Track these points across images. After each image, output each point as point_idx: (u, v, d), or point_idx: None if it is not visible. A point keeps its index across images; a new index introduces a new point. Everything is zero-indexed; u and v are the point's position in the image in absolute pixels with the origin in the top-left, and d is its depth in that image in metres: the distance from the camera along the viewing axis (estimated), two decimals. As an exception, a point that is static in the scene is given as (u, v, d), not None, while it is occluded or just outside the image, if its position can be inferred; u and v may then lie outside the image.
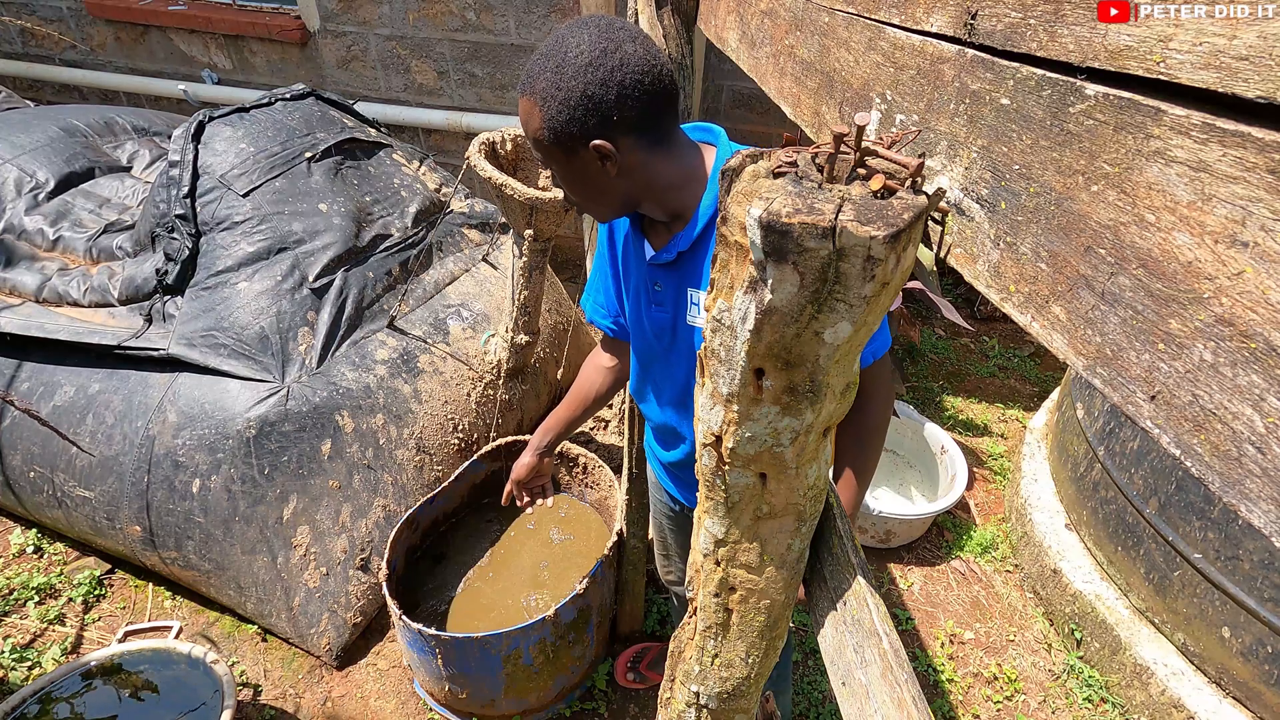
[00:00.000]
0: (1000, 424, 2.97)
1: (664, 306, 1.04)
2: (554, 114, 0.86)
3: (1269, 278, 0.27)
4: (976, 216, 0.46)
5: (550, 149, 0.90)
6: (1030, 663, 2.10)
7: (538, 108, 0.87)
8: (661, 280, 1.03)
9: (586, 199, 0.96)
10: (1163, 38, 0.31)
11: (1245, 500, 0.29)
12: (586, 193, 0.95)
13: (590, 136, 0.87)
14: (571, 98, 0.85)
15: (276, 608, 1.96)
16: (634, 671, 2.01)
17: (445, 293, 2.47)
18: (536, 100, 0.87)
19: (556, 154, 0.90)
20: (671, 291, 1.02)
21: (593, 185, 0.93)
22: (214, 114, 2.28)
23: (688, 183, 0.96)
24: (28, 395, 2.08)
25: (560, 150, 0.89)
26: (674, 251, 0.98)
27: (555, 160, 0.91)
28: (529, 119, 0.89)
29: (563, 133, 0.87)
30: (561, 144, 0.88)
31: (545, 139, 0.88)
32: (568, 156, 0.90)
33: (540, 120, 0.87)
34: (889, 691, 0.54)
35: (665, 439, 1.26)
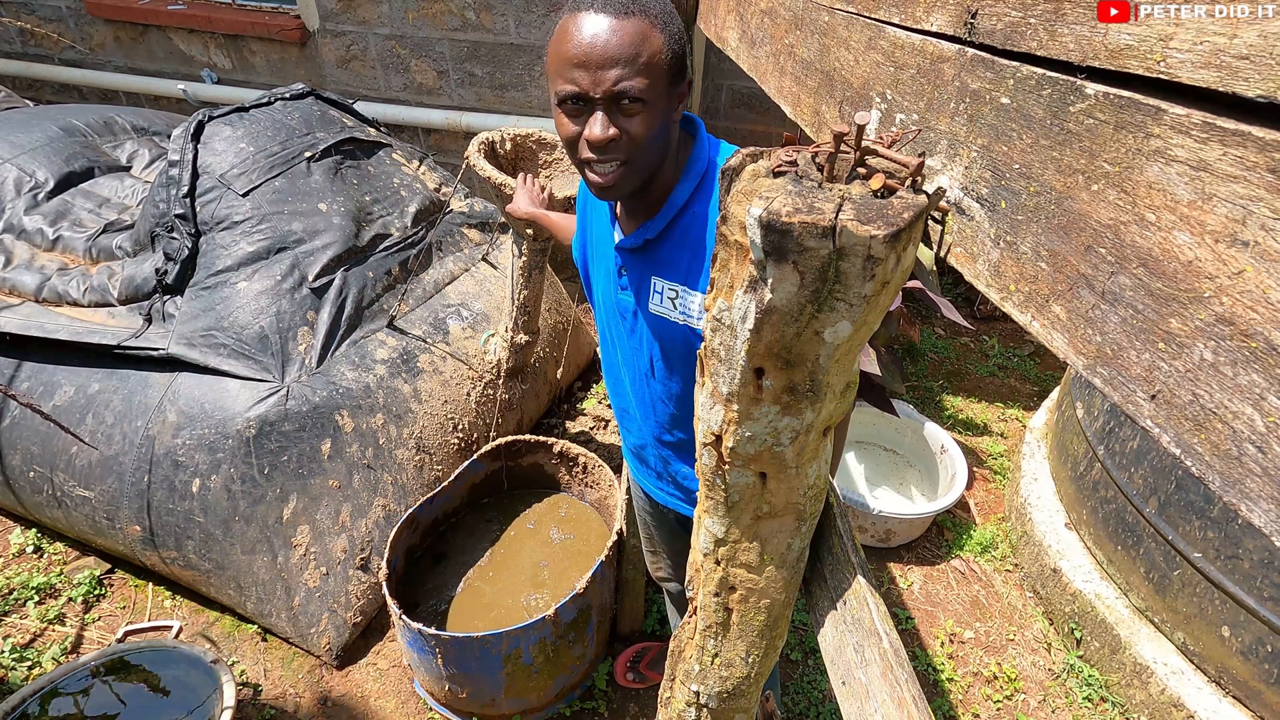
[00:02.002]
0: (1000, 423, 2.97)
1: (628, 290, 1.04)
2: (676, 37, 0.83)
3: (1269, 277, 0.27)
4: (976, 216, 0.46)
5: (664, 73, 0.83)
6: (1030, 662, 2.10)
7: (657, 28, 0.81)
8: (627, 265, 1.03)
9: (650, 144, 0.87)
10: (1163, 37, 0.31)
11: (1245, 499, 0.29)
12: (657, 136, 0.87)
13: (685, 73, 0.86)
14: (678, 31, 0.83)
15: (276, 607, 1.96)
16: (634, 671, 2.01)
17: (445, 292, 2.47)
18: (656, 21, 0.81)
19: (664, 81, 0.83)
20: (635, 277, 1.02)
21: (666, 128, 0.88)
22: (213, 113, 2.28)
23: (672, 162, 0.96)
24: (27, 395, 2.08)
25: (668, 77, 0.84)
26: (641, 239, 0.98)
27: (659, 86, 0.83)
28: (646, 40, 0.80)
29: (679, 58, 0.84)
30: (673, 69, 0.84)
31: (664, 61, 0.82)
32: (670, 87, 0.85)
33: (663, 42, 0.82)
34: (889, 690, 0.54)
35: (626, 424, 1.26)
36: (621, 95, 0.81)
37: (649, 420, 1.16)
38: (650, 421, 1.15)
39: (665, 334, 1.01)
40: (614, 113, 0.82)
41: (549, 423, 2.85)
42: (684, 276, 0.95)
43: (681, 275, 0.96)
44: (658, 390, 1.10)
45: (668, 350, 1.02)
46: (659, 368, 1.06)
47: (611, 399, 1.27)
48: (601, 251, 1.11)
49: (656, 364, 1.06)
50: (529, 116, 3.51)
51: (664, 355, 1.04)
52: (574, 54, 0.80)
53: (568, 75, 0.82)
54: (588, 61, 0.80)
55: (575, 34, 0.80)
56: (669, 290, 0.97)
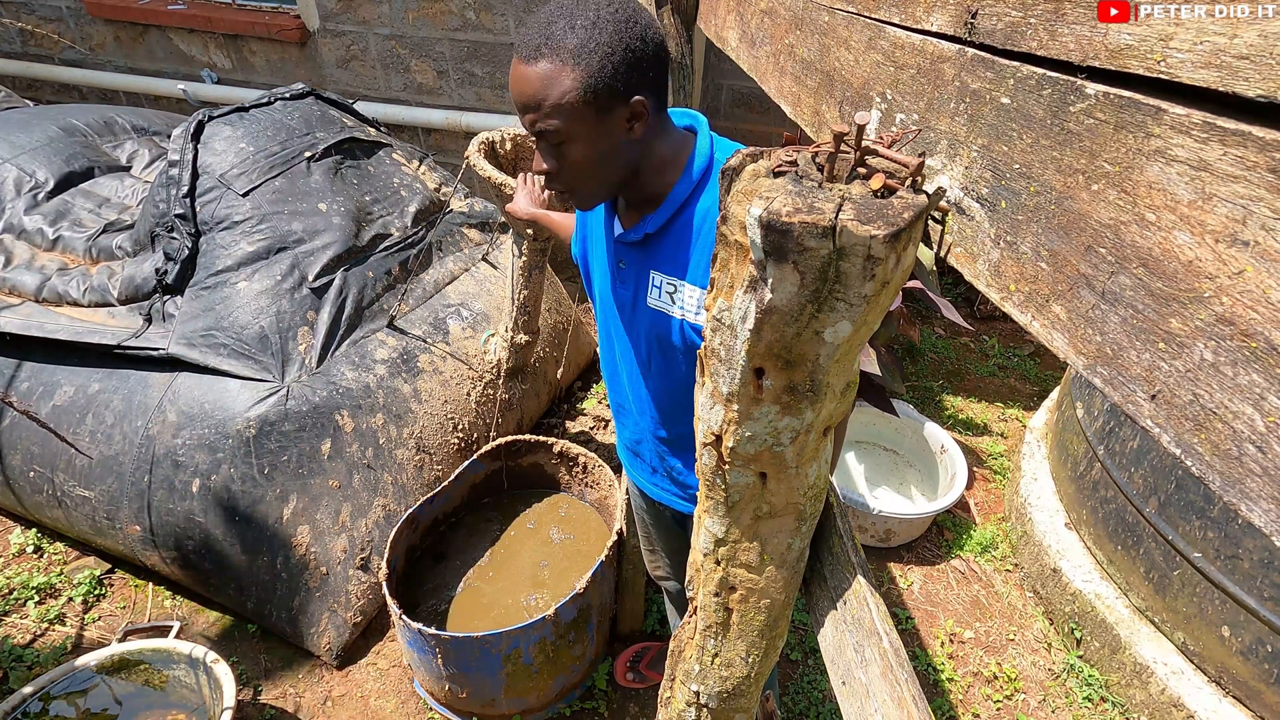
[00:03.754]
0: (1000, 423, 2.97)
1: (626, 285, 1.05)
2: (595, 69, 0.83)
3: (1269, 276, 0.27)
4: (977, 215, 0.46)
5: (579, 110, 0.84)
6: (1030, 662, 2.10)
7: (569, 67, 0.82)
8: (626, 259, 1.03)
9: (593, 172, 0.90)
10: (1163, 37, 0.31)
11: (1245, 499, 0.29)
12: (597, 163, 0.89)
13: (631, 92, 0.86)
14: (615, 52, 0.83)
15: (276, 607, 1.96)
16: (634, 671, 2.01)
17: (445, 292, 2.47)
18: (567, 60, 0.82)
19: (585, 115, 0.84)
20: (634, 271, 1.02)
21: (608, 152, 0.89)
22: (213, 113, 2.28)
23: (671, 163, 0.96)
24: (28, 395, 2.08)
25: (592, 110, 0.85)
26: (641, 233, 0.98)
27: (580, 123, 0.85)
28: (552, 82, 0.82)
29: (603, 89, 0.84)
30: (597, 102, 0.84)
31: (577, 99, 0.83)
32: (598, 117, 0.85)
33: (574, 80, 0.82)
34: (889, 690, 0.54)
35: (622, 419, 1.26)
36: (541, 134, 0.87)
37: (645, 415, 1.16)
38: (646, 417, 1.16)
39: (663, 328, 1.01)
40: (548, 147, 0.89)
41: (549, 423, 2.85)
42: (683, 271, 0.96)
43: (681, 270, 0.96)
44: (654, 385, 1.10)
45: (665, 344, 1.03)
46: (656, 362, 1.07)
47: (609, 395, 1.28)
48: (601, 246, 1.11)
49: (654, 358, 1.06)
50: (529, 116, 3.50)
51: (661, 350, 1.04)
52: (512, 96, 0.88)
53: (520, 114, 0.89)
54: (516, 102, 0.87)
55: (510, 77, 0.88)
56: (668, 284, 0.98)
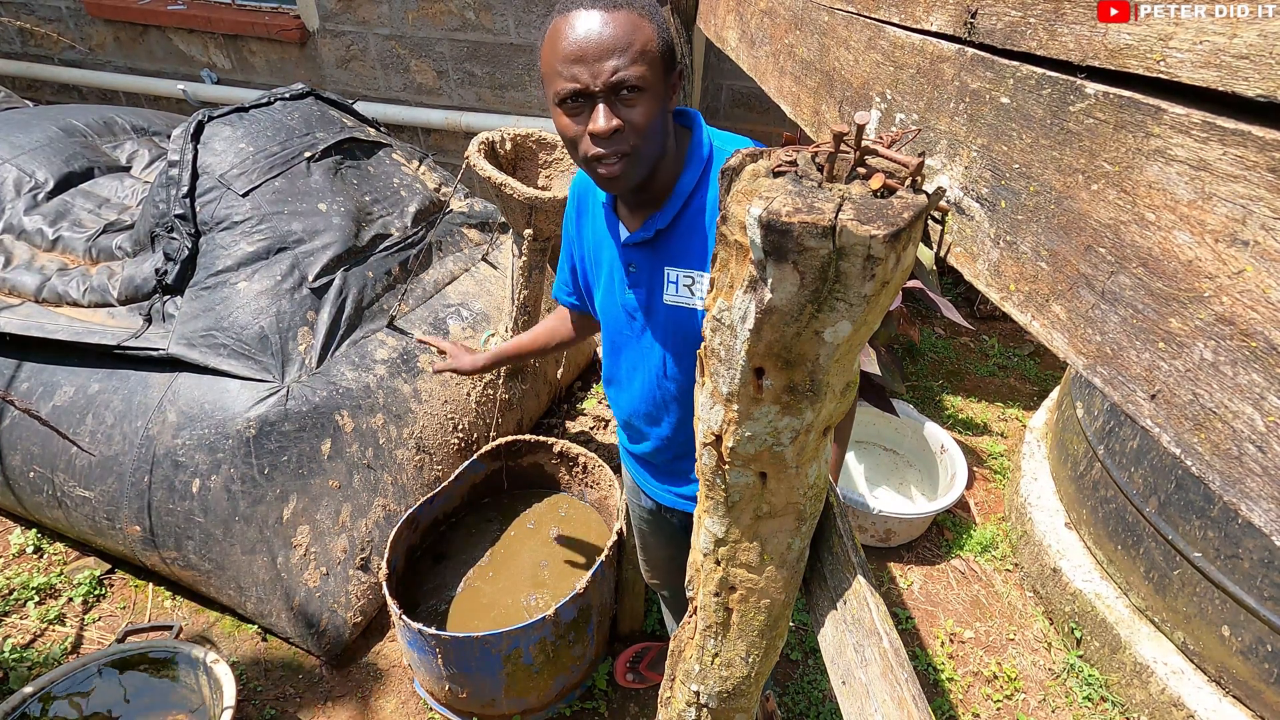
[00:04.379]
0: (1000, 423, 2.97)
1: (639, 287, 1.04)
2: (662, 27, 0.84)
3: (1269, 276, 0.27)
4: (976, 215, 0.46)
5: (657, 61, 0.84)
6: (1030, 661, 2.10)
7: (646, 18, 0.83)
8: (637, 261, 1.03)
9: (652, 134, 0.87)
10: (1163, 36, 0.31)
11: (1245, 499, 0.29)
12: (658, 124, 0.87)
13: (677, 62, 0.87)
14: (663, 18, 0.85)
15: (276, 608, 1.96)
16: (634, 671, 2.01)
17: (445, 292, 2.47)
18: (644, 13, 0.83)
19: (658, 68, 0.85)
20: (646, 271, 1.02)
21: (663, 117, 0.89)
22: (213, 114, 2.28)
23: (674, 155, 0.96)
24: (27, 395, 2.08)
25: (662, 65, 0.85)
26: (652, 229, 0.98)
27: (654, 75, 0.84)
28: (637, 29, 0.82)
29: (668, 47, 0.85)
30: (666, 57, 0.85)
31: (657, 50, 0.84)
32: (665, 74, 0.86)
33: (652, 31, 0.83)
34: (889, 690, 0.54)
35: (635, 430, 1.24)
36: (620, 85, 0.82)
37: (666, 419, 1.14)
38: (666, 421, 1.15)
39: (683, 323, 1.01)
40: (614, 104, 0.83)
41: (549, 423, 2.85)
42: (700, 262, 0.95)
43: (698, 261, 0.96)
44: (671, 389, 1.09)
45: (689, 338, 1.02)
46: (671, 364, 1.06)
47: (618, 410, 1.26)
48: (603, 256, 1.10)
49: (669, 361, 1.06)
50: (529, 116, 3.51)
51: (685, 344, 1.03)
52: (570, 50, 0.81)
53: (566, 73, 0.82)
54: (584, 56, 0.81)
55: (569, 32, 0.82)
56: (684, 278, 0.98)
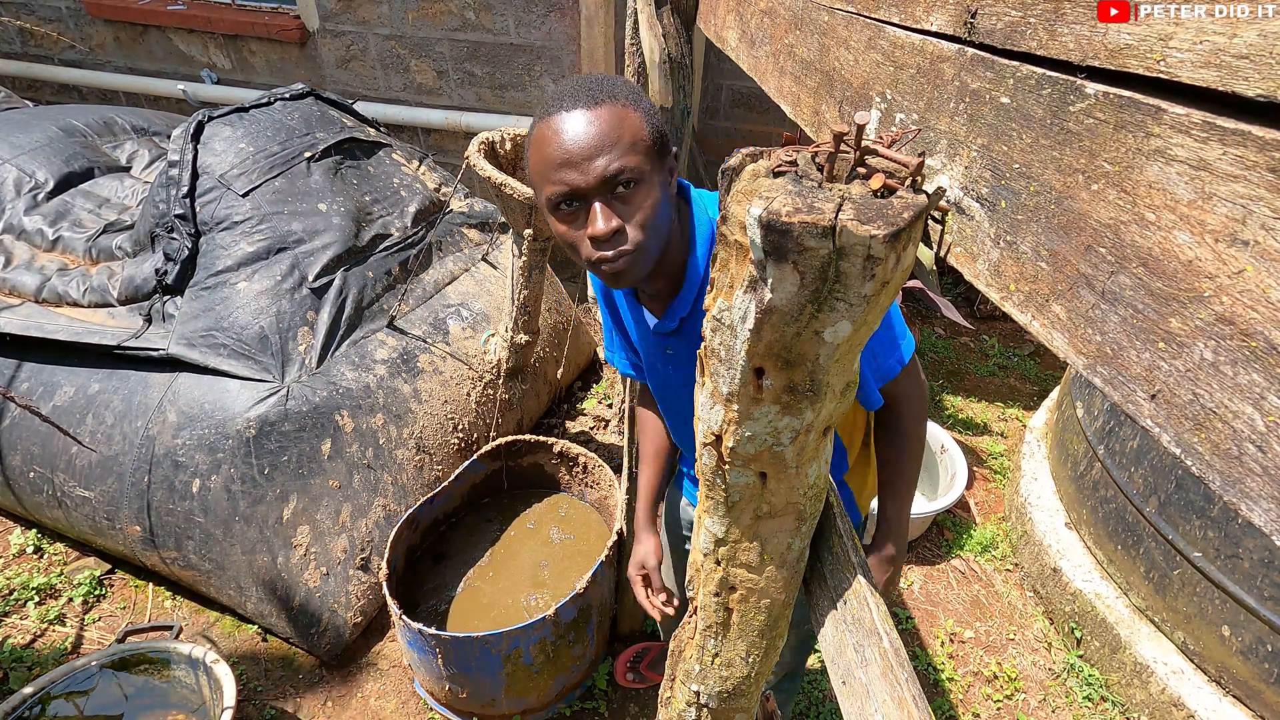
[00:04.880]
0: (1000, 423, 2.97)
1: (682, 366, 1.02)
2: (649, 112, 0.81)
3: (1269, 276, 0.27)
4: (976, 215, 0.46)
5: (648, 149, 0.80)
6: (1030, 661, 2.10)
7: (631, 108, 0.79)
8: (671, 344, 1.01)
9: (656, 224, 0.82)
10: (1163, 36, 0.31)
11: (1245, 499, 0.29)
12: (660, 213, 0.83)
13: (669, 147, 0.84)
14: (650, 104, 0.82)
15: (276, 608, 1.96)
16: (634, 671, 2.01)
17: (445, 292, 2.47)
18: (627, 103, 0.79)
19: (652, 156, 0.81)
20: (684, 353, 1.00)
21: (664, 205, 0.84)
22: (213, 114, 2.28)
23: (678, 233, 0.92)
24: (27, 395, 2.08)
25: (655, 152, 0.82)
26: (675, 319, 0.96)
27: (649, 164, 0.81)
28: (623, 120, 0.78)
29: (657, 133, 0.81)
30: (658, 144, 0.82)
31: (647, 137, 0.80)
32: (659, 161, 0.83)
33: (638, 119, 0.80)
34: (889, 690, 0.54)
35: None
36: (615, 180, 0.78)
37: None
38: None
39: None
40: (610, 201, 0.79)
41: (549, 423, 2.85)
42: None
43: None
44: None
45: None
46: None
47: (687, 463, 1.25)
48: (642, 334, 1.08)
49: None
50: (529, 116, 3.51)
51: None
52: (558, 154, 0.78)
53: (555, 177, 0.79)
54: (573, 157, 0.77)
55: (554, 135, 0.78)
56: None
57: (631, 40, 1.71)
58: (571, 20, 3.15)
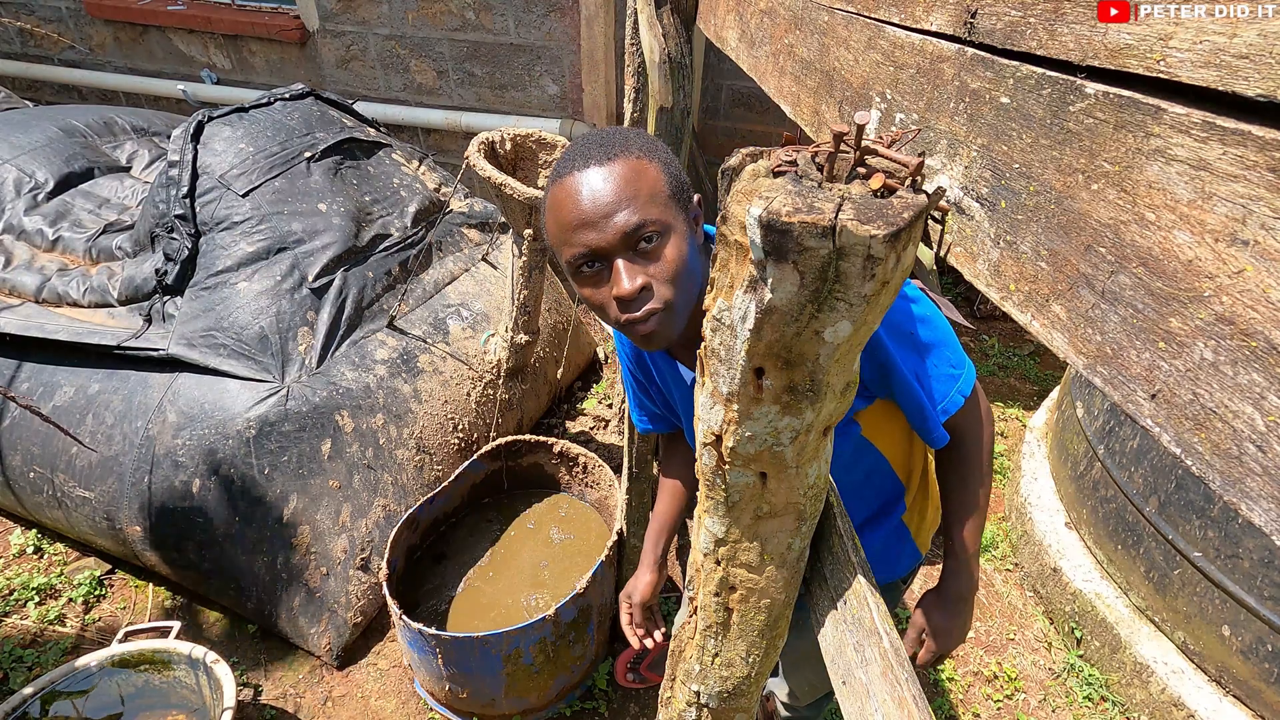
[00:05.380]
0: (1000, 423, 2.97)
1: None
2: (666, 161, 0.78)
3: (1269, 276, 0.27)
4: (976, 215, 0.46)
5: (667, 200, 0.76)
6: (1030, 661, 2.10)
7: (647, 160, 0.76)
8: None
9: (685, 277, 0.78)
10: (1163, 36, 0.31)
11: (1246, 499, 0.29)
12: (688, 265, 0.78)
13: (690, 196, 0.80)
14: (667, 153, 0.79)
15: (277, 608, 1.96)
16: (634, 672, 2.01)
17: (445, 292, 2.47)
18: (642, 155, 0.76)
19: (672, 207, 0.77)
20: None
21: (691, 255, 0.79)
22: (213, 114, 2.28)
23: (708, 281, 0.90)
24: (27, 395, 2.08)
25: (675, 203, 0.77)
26: None
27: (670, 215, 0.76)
28: (639, 174, 0.74)
29: (676, 181, 0.78)
30: (678, 194, 0.78)
31: (665, 188, 0.76)
32: (680, 211, 0.78)
33: (656, 170, 0.76)
34: (889, 690, 0.54)
35: None
36: (636, 235, 0.74)
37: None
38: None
39: None
40: (634, 259, 0.75)
41: (549, 423, 2.85)
42: None
43: None
44: None
45: None
46: None
47: None
48: (675, 393, 1.05)
49: None
50: (529, 116, 3.51)
51: None
52: (574, 215, 0.74)
53: (574, 239, 0.75)
54: (590, 216, 0.74)
55: (569, 196, 0.75)
56: None
57: (631, 40, 1.71)
58: (571, 20, 3.15)
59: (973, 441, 1.00)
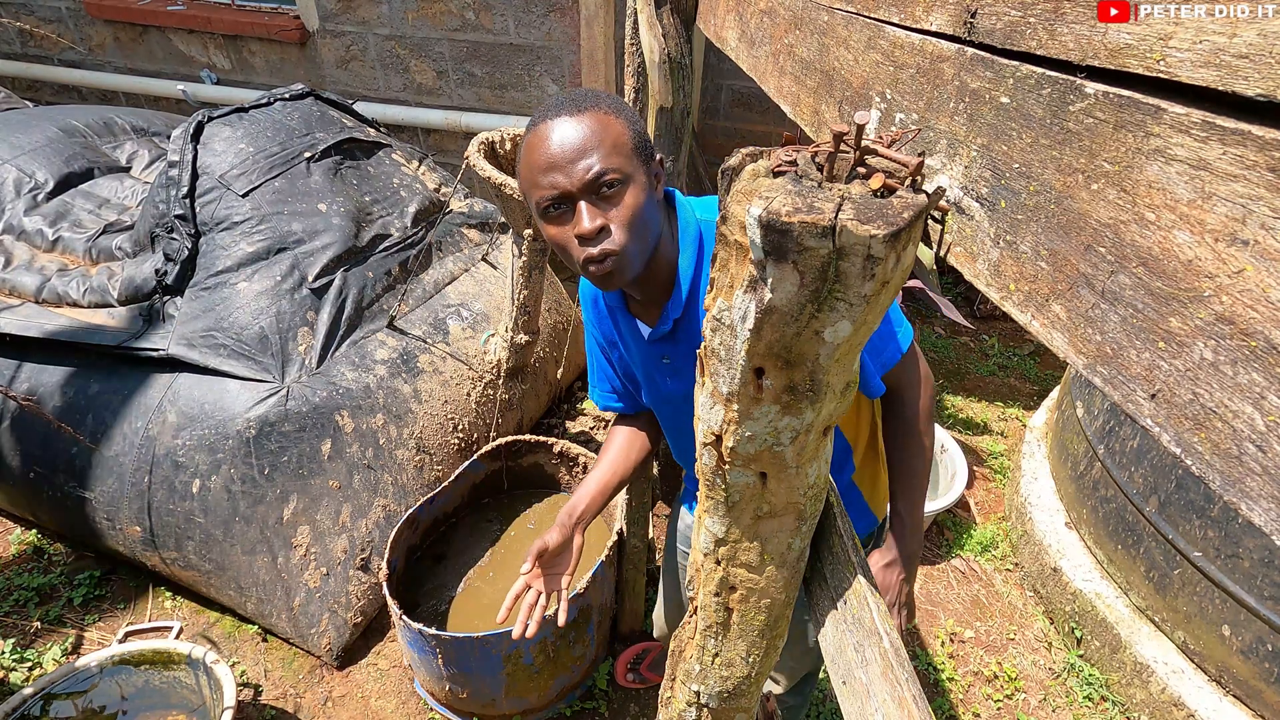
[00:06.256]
0: (1000, 422, 2.97)
1: (679, 375, 1.02)
2: (632, 120, 0.84)
3: (1269, 275, 0.27)
4: (976, 215, 0.46)
5: (631, 152, 0.84)
6: (1030, 661, 2.10)
7: (614, 115, 0.83)
8: (667, 352, 1.01)
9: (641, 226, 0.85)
10: (1163, 36, 0.31)
11: (1246, 498, 0.29)
12: (645, 216, 0.86)
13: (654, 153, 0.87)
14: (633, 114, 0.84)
15: (277, 608, 1.96)
16: (634, 672, 2.01)
17: (445, 292, 2.47)
18: (609, 111, 0.83)
19: (635, 159, 0.84)
20: (680, 359, 1.00)
21: (649, 207, 0.87)
22: (213, 114, 2.28)
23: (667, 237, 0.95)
24: (27, 395, 2.08)
25: (639, 157, 0.85)
26: (669, 321, 0.96)
27: (632, 166, 0.84)
28: (605, 126, 0.82)
29: (640, 139, 0.85)
30: (641, 150, 0.85)
31: (629, 141, 0.84)
32: (643, 165, 0.86)
33: (621, 125, 0.83)
34: (890, 690, 0.54)
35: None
36: (598, 181, 0.82)
37: None
38: None
39: None
40: (596, 202, 0.83)
41: (549, 423, 2.85)
42: None
43: None
44: None
45: None
46: None
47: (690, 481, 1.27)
48: (634, 355, 1.08)
49: None
50: (528, 117, 3.50)
51: None
52: (544, 160, 0.82)
53: (543, 182, 0.83)
54: (559, 161, 0.81)
55: (541, 142, 0.83)
56: None
57: (631, 40, 1.71)
58: (571, 20, 3.15)
59: (911, 401, 1.05)
